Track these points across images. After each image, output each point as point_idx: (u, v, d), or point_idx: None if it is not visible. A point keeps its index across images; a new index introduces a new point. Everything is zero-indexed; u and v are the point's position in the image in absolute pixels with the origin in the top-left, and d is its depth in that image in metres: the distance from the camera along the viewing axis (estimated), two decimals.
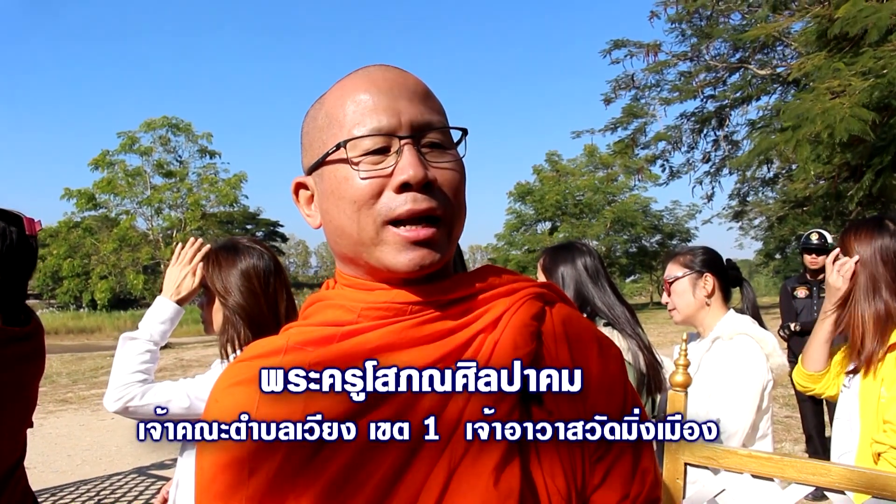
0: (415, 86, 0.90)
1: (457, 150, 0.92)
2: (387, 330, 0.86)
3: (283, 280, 2.16)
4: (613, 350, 0.98)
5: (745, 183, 22.64)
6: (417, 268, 0.85)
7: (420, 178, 0.83)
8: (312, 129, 0.92)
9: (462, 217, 0.91)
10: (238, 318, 2.04)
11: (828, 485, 1.71)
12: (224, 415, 0.84)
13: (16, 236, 2.02)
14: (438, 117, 0.90)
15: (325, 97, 0.92)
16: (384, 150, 0.85)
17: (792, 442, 6.91)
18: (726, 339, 2.37)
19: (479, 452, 0.81)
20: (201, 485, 0.85)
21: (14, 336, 2.02)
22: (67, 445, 7.85)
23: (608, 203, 35.61)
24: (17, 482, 2.05)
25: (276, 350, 0.88)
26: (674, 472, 1.90)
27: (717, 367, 2.32)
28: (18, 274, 2.05)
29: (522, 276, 0.99)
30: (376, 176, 0.85)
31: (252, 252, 2.12)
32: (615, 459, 0.91)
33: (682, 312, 2.52)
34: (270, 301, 2.09)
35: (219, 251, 2.15)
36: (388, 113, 0.86)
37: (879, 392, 2.12)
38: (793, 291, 5.73)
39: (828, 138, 9.55)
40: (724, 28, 18.67)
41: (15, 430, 2.05)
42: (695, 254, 2.54)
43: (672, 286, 2.52)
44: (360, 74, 0.90)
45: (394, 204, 0.84)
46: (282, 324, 2.06)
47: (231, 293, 2.06)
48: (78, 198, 29.76)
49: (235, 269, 2.08)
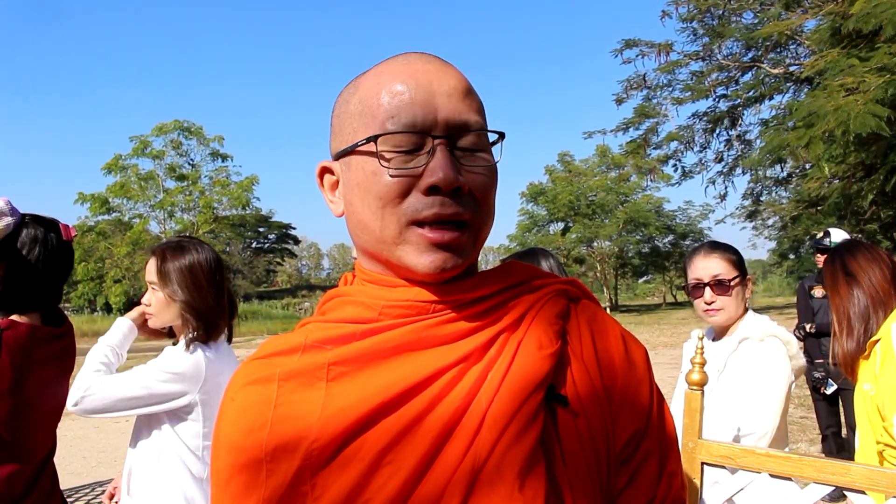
0: (455, 81, 0.86)
1: (491, 153, 0.88)
2: (408, 329, 0.84)
3: (223, 273, 2.38)
4: (639, 348, 0.94)
5: (759, 183, 22.55)
6: (438, 271, 0.82)
7: (450, 182, 0.80)
8: (344, 114, 0.89)
9: (490, 222, 0.88)
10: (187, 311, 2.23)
11: (847, 484, 1.69)
12: (240, 414, 0.83)
13: (55, 242, 2.15)
14: (476, 117, 0.86)
15: (361, 81, 0.88)
16: (417, 147, 0.82)
17: (808, 442, 6.85)
18: (756, 341, 2.32)
19: (502, 456, 0.78)
20: (217, 486, 0.84)
21: (51, 335, 2.13)
22: (83, 447, 7.89)
23: (621, 203, 35.50)
24: (49, 473, 2.18)
25: (293, 348, 0.86)
26: (691, 472, 1.89)
27: (748, 368, 2.29)
28: (57, 277, 2.17)
29: (546, 273, 0.96)
30: (405, 175, 0.82)
31: (196, 249, 2.31)
32: (641, 462, 0.88)
33: (730, 315, 2.39)
34: (215, 293, 2.29)
35: (165, 249, 2.31)
36: (425, 109, 0.82)
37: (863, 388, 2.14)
38: (810, 291, 5.68)
39: (841, 136, 9.48)
40: (736, 27, 18.60)
41: (49, 424, 2.17)
42: (734, 253, 2.44)
43: (731, 287, 2.37)
44: (400, 63, 0.86)
45: (420, 205, 0.81)
46: (225, 312, 2.30)
47: (178, 291, 2.24)
48: (91, 202, 30.06)
49: (183, 265, 2.25)
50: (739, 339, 2.37)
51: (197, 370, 2.18)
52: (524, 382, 0.81)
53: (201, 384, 2.18)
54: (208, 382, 2.19)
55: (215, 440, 0.86)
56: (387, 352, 0.83)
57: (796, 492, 1.79)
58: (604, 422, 0.86)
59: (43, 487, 2.12)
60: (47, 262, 2.12)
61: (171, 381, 2.14)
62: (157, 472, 2.16)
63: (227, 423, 0.84)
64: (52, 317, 2.18)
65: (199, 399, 2.18)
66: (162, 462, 2.16)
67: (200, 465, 2.17)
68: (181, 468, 2.15)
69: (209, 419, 2.19)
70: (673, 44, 20.15)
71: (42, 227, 2.13)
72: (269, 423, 0.80)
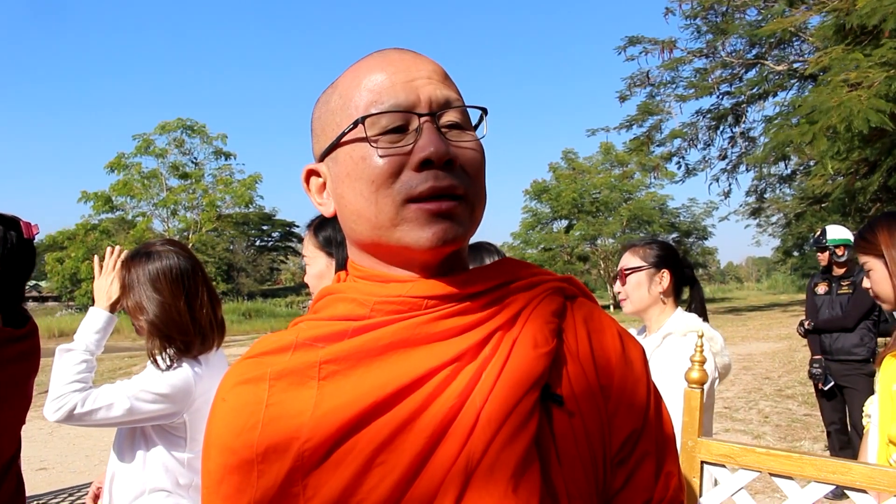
0: (433, 66, 0.87)
1: (475, 132, 0.88)
2: (401, 325, 0.83)
3: (203, 278, 2.22)
4: (636, 347, 0.93)
5: (763, 180, 22.52)
6: (441, 243, 0.81)
7: (442, 154, 0.80)
8: (325, 113, 0.89)
9: (483, 199, 0.88)
10: (152, 331, 2.10)
11: (848, 483, 1.68)
12: (231, 415, 0.81)
13: (15, 240, 2.06)
14: (456, 95, 0.87)
15: (339, 81, 0.89)
16: (402, 128, 0.82)
17: (811, 440, 6.84)
18: (679, 336, 2.37)
19: (497, 456, 0.77)
20: (209, 487, 0.83)
21: (12, 336, 2.06)
22: (86, 446, 7.92)
23: (624, 201, 35.39)
24: (13, 475, 2.10)
25: (285, 347, 0.84)
26: (690, 471, 1.88)
27: (668, 362, 2.32)
28: (18, 277, 2.09)
29: (542, 270, 0.95)
30: (396, 154, 0.81)
31: (163, 255, 2.16)
32: (638, 462, 0.88)
33: (634, 305, 2.51)
34: (188, 301, 2.14)
35: (130, 260, 2.20)
36: (407, 90, 0.83)
37: (894, 385, 2.08)
38: (814, 288, 5.68)
39: (845, 131, 9.45)
40: (739, 24, 18.58)
41: (12, 426, 2.10)
42: (653, 247, 2.52)
43: (627, 277, 2.50)
44: (375, 57, 0.87)
45: (414, 182, 0.81)
46: (202, 322, 2.15)
47: (143, 309, 2.11)
48: (95, 200, 30.10)
49: (146, 278, 2.12)
50: (664, 335, 2.40)
51: (185, 389, 2.08)
52: (519, 382, 0.80)
53: (189, 403, 2.10)
54: (197, 400, 2.10)
55: (206, 441, 0.85)
56: (379, 350, 0.81)
57: (797, 490, 1.78)
58: (600, 421, 0.85)
59: (7, 489, 2.06)
60: (7, 261, 2.03)
61: (157, 401, 2.05)
62: (141, 481, 2.09)
63: (218, 424, 0.83)
64: (14, 318, 2.09)
65: (186, 419, 2.10)
66: (147, 470, 2.10)
67: (187, 473, 2.11)
68: (166, 476, 2.09)
69: (199, 431, 2.11)
70: (676, 41, 20.15)
71: (1, 226, 2.05)
72: (260, 423, 0.79)
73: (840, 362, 5.37)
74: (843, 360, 5.35)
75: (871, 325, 5.30)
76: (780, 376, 10.78)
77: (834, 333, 5.41)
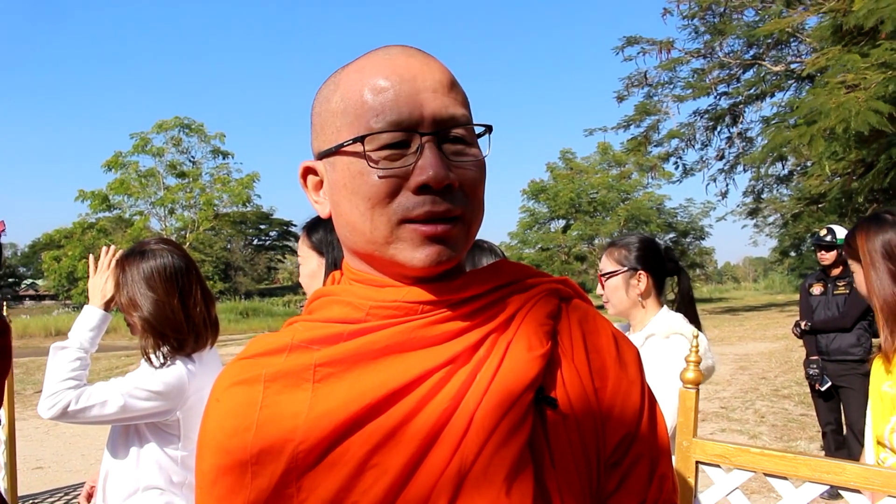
0: (440, 74, 0.84)
1: (479, 147, 0.86)
2: (396, 330, 0.82)
3: (197, 277, 2.24)
4: (631, 349, 0.93)
5: (760, 180, 22.57)
6: (433, 264, 0.81)
7: (441, 180, 0.78)
8: (325, 112, 0.86)
9: (480, 216, 0.87)
10: (146, 329, 2.11)
11: (842, 484, 1.68)
12: (226, 415, 0.81)
13: None
14: (462, 111, 0.84)
15: (341, 77, 0.86)
16: (403, 143, 0.80)
17: (807, 440, 6.86)
18: (661, 338, 2.33)
19: (490, 459, 0.76)
20: (202, 488, 0.83)
21: None
22: (82, 445, 7.90)
23: (622, 201, 35.45)
24: None
25: (280, 348, 0.84)
26: (685, 471, 1.88)
27: (649, 365, 2.29)
28: None
29: (538, 272, 0.94)
30: (394, 175, 0.80)
31: (158, 254, 2.18)
32: (632, 464, 0.87)
33: (615, 307, 2.50)
34: (182, 299, 2.16)
35: (124, 259, 2.20)
36: (411, 106, 0.80)
37: (882, 386, 2.10)
38: (809, 288, 5.69)
39: (843, 133, 9.46)
40: (737, 24, 18.61)
41: None
42: (629, 249, 2.47)
43: (606, 281, 2.48)
44: (381, 57, 0.84)
45: (410, 204, 0.79)
46: (195, 320, 2.16)
47: (138, 307, 2.12)
48: (92, 199, 30.10)
49: (140, 276, 2.13)
50: (647, 336, 2.37)
51: (179, 387, 2.09)
52: (513, 385, 0.80)
53: (183, 400, 2.10)
54: (191, 398, 2.11)
55: (201, 441, 0.85)
56: (374, 353, 0.81)
57: (791, 490, 1.79)
58: (594, 424, 0.85)
59: None
60: None
61: (151, 398, 2.06)
62: (135, 479, 2.09)
63: (212, 425, 0.83)
64: None
65: (179, 416, 2.11)
66: (140, 468, 2.09)
67: (180, 471, 2.11)
68: (159, 474, 2.09)
69: (192, 429, 2.11)
70: (674, 41, 20.17)
71: None
72: (254, 424, 0.79)
73: (837, 362, 5.37)
74: (839, 361, 5.36)
75: (867, 326, 5.31)
76: (777, 376, 10.80)
77: (831, 334, 5.42)
